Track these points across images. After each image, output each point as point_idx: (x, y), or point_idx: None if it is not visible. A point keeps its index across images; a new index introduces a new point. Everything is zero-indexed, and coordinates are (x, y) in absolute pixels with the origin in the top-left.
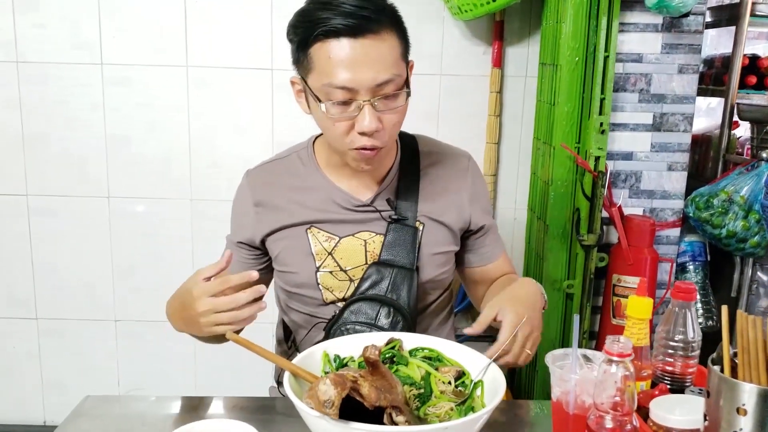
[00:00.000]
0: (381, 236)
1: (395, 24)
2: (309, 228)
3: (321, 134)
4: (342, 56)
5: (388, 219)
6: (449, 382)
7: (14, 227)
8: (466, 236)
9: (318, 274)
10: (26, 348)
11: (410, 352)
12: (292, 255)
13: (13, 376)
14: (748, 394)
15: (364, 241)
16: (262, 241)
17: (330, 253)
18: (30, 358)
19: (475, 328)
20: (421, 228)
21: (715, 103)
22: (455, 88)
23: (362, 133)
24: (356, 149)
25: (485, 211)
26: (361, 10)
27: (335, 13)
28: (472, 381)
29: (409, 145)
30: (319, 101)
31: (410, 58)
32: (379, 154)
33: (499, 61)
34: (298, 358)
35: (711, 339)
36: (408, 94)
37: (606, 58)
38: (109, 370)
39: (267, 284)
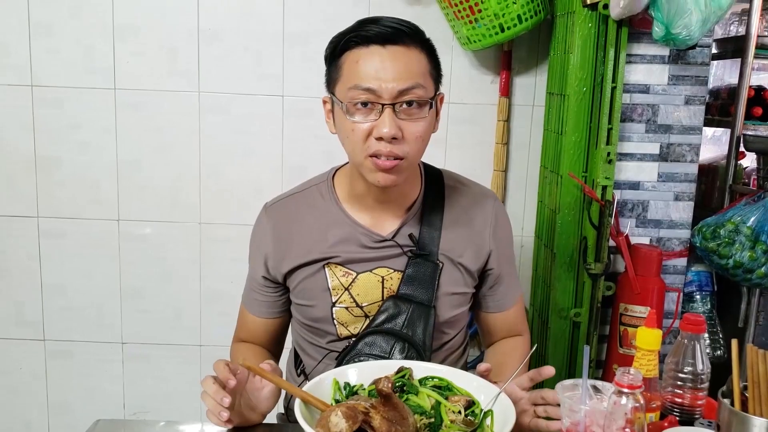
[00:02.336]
0: (399, 273)
1: (426, 48)
2: (326, 264)
3: (340, 167)
4: (369, 61)
5: (410, 254)
6: (459, 411)
7: (24, 248)
8: (483, 279)
9: (333, 309)
10: (33, 369)
11: (420, 381)
12: (309, 290)
13: (20, 397)
14: (758, 428)
15: (382, 277)
16: (284, 278)
17: (347, 289)
18: (37, 380)
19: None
20: (440, 266)
21: (722, 133)
22: (463, 116)
23: (380, 138)
24: (372, 157)
25: (505, 258)
26: (396, 25)
27: (372, 26)
28: (482, 410)
29: (434, 179)
30: (343, 106)
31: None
32: (397, 168)
33: (506, 90)
34: (309, 385)
35: (718, 370)
36: (431, 106)
37: (613, 88)
38: (114, 393)
39: (288, 318)
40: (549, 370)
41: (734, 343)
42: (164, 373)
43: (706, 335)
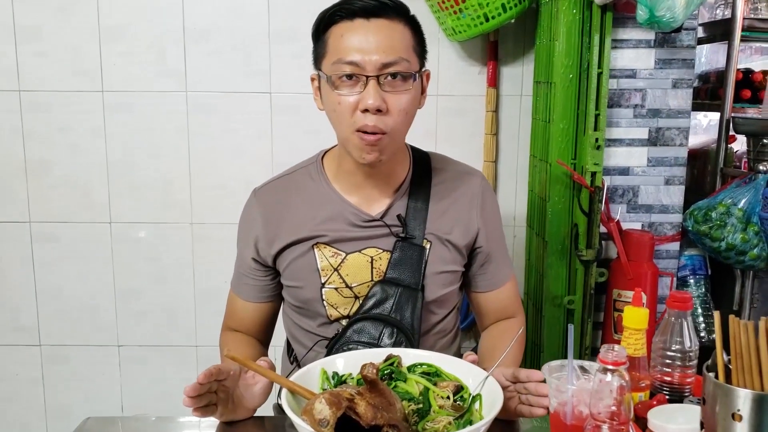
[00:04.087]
0: (387, 253)
1: (411, 23)
2: (315, 244)
3: (328, 150)
4: (353, 34)
5: (396, 236)
6: (448, 397)
7: (17, 254)
8: (472, 257)
9: (323, 290)
10: (30, 374)
11: (409, 368)
12: (299, 270)
13: (17, 403)
14: (742, 399)
15: (371, 257)
16: (273, 259)
17: (336, 269)
18: (34, 384)
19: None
20: (428, 247)
21: (715, 117)
22: (452, 108)
23: (365, 111)
24: (359, 131)
25: (494, 236)
26: (381, 0)
27: (356, 2)
28: (470, 395)
29: (421, 161)
30: (329, 80)
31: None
32: (380, 143)
33: (494, 81)
34: (296, 375)
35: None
36: (415, 79)
37: (600, 74)
38: (112, 395)
39: (278, 303)
40: (537, 375)
41: (717, 314)
42: (161, 374)
43: (701, 318)
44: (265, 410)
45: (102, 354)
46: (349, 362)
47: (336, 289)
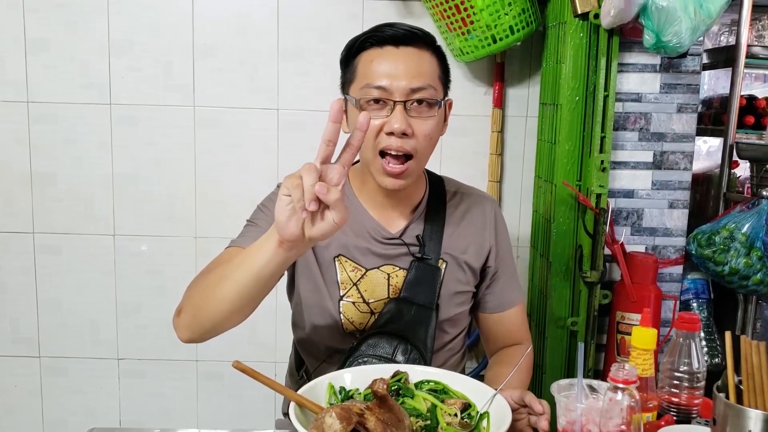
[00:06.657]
0: (404, 271)
1: (437, 53)
2: (338, 257)
3: (353, 164)
4: (383, 60)
5: (413, 256)
6: (455, 414)
7: (20, 264)
8: (482, 276)
9: (341, 302)
10: (28, 386)
11: (416, 385)
12: (318, 278)
13: (15, 415)
14: (754, 420)
15: (388, 274)
16: None
17: (355, 284)
18: (32, 397)
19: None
20: (443, 267)
21: (716, 142)
22: (457, 127)
23: (390, 134)
24: (383, 154)
25: (503, 256)
26: (410, 29)
27: (386, 29)
28: (478, 412)
29: (436, 184)
30: (357, 103)
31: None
32: (406, 173)
33: (500, 102)
34: (304, 389)
35: (716, 377)
36: (440, 106)
37: (606, 97)
38: (111, 409)
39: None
40: (536, 407)
41: (728, 335)
42: (160, 388)
43: (704, 342)
44: (268, 424)
45: (101, 367)
46: (356, 377)
47: (353, 303)
